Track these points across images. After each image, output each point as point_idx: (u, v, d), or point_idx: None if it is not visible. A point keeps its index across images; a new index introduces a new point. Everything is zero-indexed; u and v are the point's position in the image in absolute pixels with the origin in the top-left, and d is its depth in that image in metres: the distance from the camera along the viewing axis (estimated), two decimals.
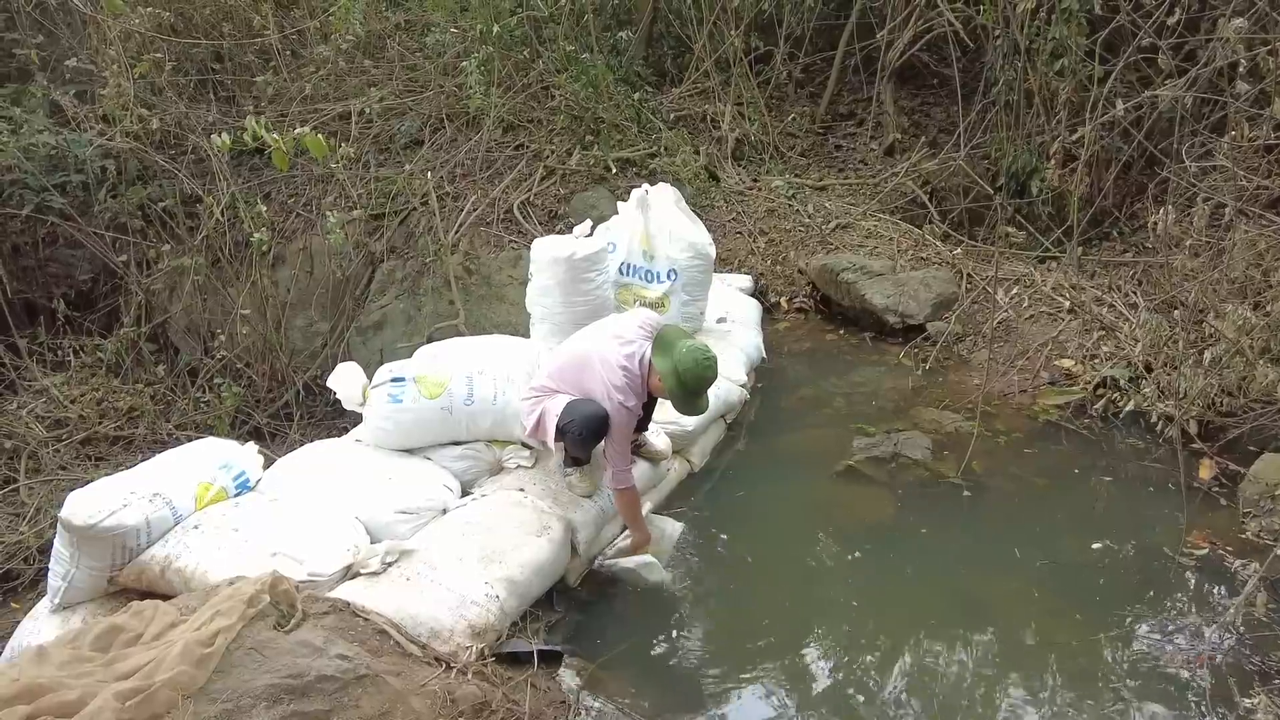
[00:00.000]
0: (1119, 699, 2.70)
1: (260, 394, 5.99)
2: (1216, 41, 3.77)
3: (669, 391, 3.06)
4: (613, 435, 3.08)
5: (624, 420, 3.07)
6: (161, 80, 6.27)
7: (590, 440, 3.14)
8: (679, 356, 3.01)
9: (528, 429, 3.31)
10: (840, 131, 7.79)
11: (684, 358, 3.00)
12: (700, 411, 3.18)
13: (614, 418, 3.04)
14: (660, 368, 3.05)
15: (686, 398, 3.05)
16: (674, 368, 3.01)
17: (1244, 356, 3.75)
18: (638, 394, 3.09)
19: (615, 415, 3.04)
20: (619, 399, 3.03)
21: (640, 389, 3.11)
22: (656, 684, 2.80)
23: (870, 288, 5.42)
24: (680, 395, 3.05)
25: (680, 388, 3.02)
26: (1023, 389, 4.64)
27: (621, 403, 3.03)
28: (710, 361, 3.05)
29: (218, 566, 2.73)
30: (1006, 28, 6.00)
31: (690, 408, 3.11)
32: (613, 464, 3.12)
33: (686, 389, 3.03)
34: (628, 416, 3.08)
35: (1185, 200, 4.62)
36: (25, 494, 4.84)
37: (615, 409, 3.04)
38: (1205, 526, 3.48)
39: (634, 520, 3.20)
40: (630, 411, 3.07)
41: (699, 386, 3.04)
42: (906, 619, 3.08)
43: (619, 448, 3.11)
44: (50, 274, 6.34)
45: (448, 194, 6.38)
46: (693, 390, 3.03)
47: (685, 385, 3.01)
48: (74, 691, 2.02)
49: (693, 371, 3.00)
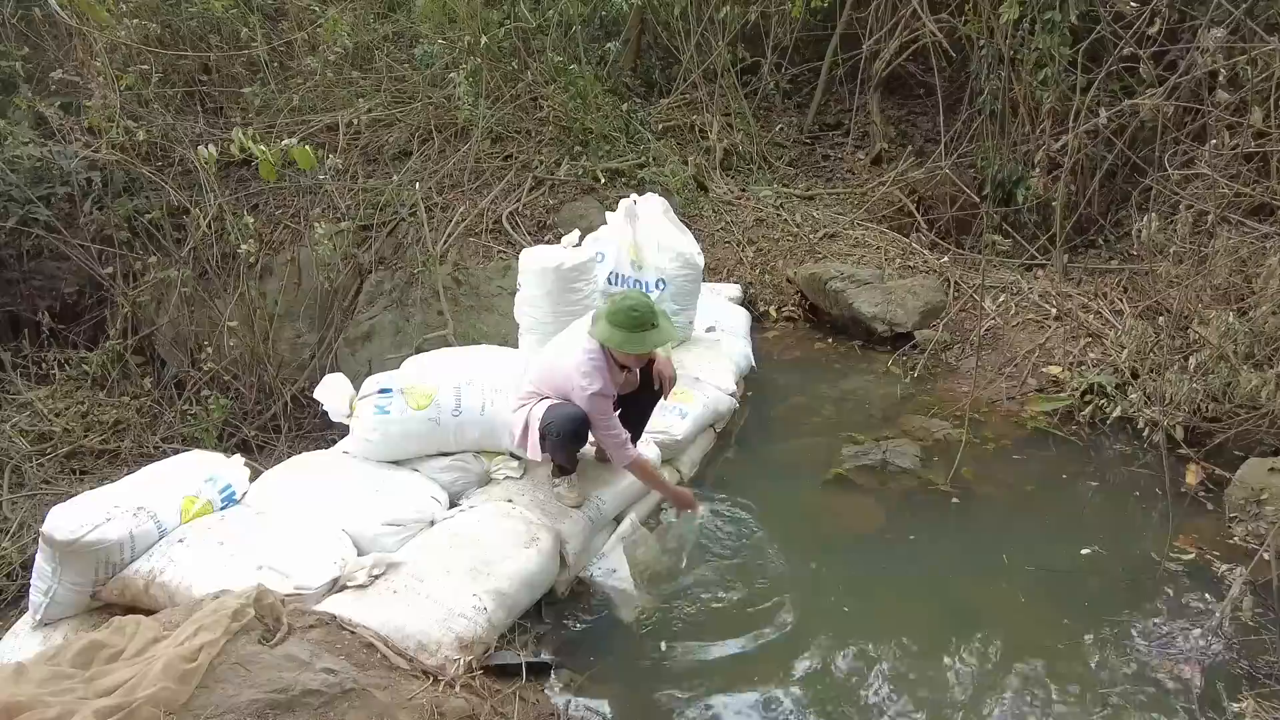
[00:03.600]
0: (1107, 704, 2.70)
1: (248, 406, 5.95)
2: (1196, 51, 3.82)
3: (614, 342, 3.11)
4: (594, 423, 3.15)
5: (598, 406, 3.12)
6: (148, 92, 6.26)
7: (570, 441, 3.18)
8: (606, 311, 3.14)
9: (515, 438, 3.32)
10: (827, 141, 7.83)
11: (608, 307, 3.14)
12: (654, 344, 3.17)
13: (587, 406, 3.11)
14: (596, 331, 3.14)
15: (630, 336, 3.09)
16: (605, 320, 3.11)
17: (1228, 362, 3.79)
18: (604, 375, 3.14)
19: (588, 404, 3.10)
20: (584, 385, 3.09)
21: (606, 366, 3.16)
22: (645, 696, 2.79)
23: (858, 296, 5.44)
24: (623, 336, 3.08)
25: (618, 330, 3.08)
26: (1010, 396, 4.66)
27: (587, 388, 3.09)
28: (630, 296, 3.15)
29: (203, 580, 2.71)
30: (991, 38, 6.07)
31: (641, 344, 3.12)
32: (607, 448, 3.19)
33: (622, 327, 3.08)
34: (601, 401, 3.13)
35: (1168, 208, 4.66)
36: (8, 509, 4.79)
37: (586, 398, 3.09)
38: (1192, 531, 3.50)
39: (660, 486, 3.27)
40: (601, 395, 3.12)
41: (630, 320, 3.08)
42: (896, 626, 3.07)
43: (605, 431, 3.17)
44: (35, 286, 6.30)
45: (436, 205, 6.38)
46: (627, 325, 3.07)
47: (620, 325, 3.08)
48: (53, 709, 1.99)
49: (620, 310, 3.09)
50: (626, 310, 3.09)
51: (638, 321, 3.08)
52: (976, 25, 6.13)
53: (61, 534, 2.67)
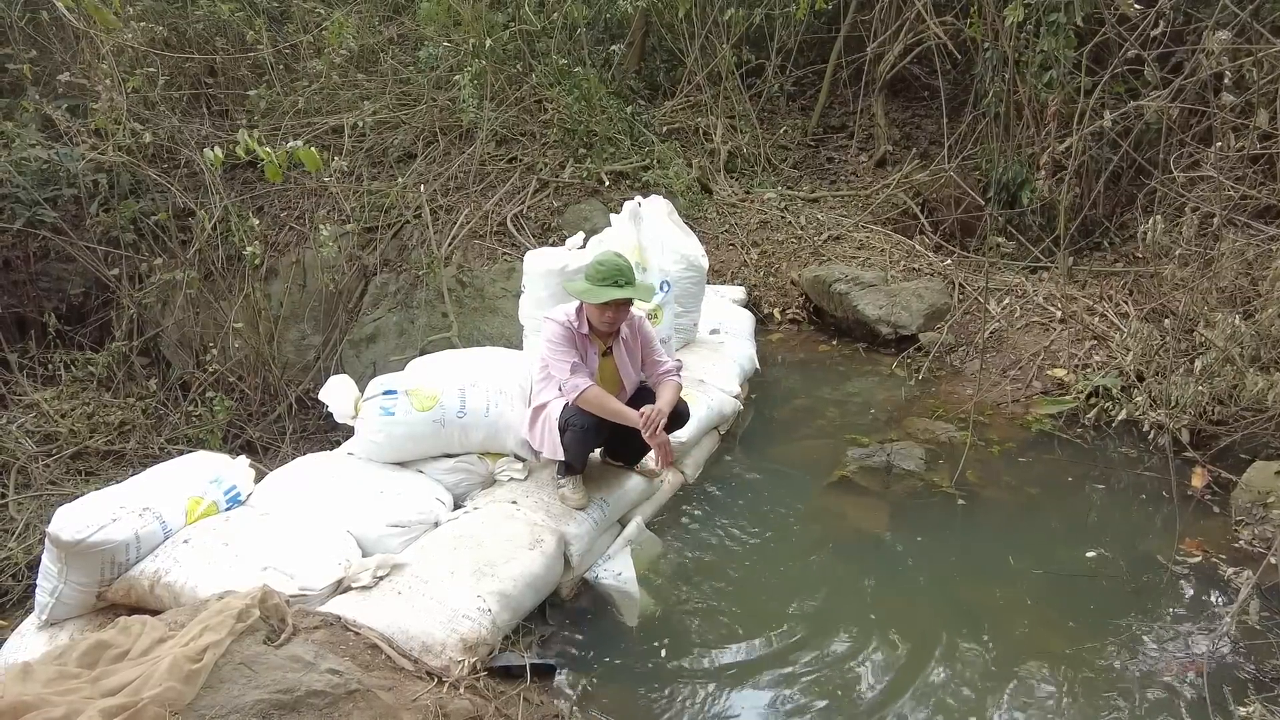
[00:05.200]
0: (1113, 708, 2.69)
1: (252, 408, 5.97)
2: (1201, 53, 3.81)
3: (575, 291, 3.24)
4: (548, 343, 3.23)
5: (553, 331, 3.25)
6: (154, 94, 6.29)
7: (592, 436, 3.23)
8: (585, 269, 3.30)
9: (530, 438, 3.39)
10: (832, 144, 7.84)
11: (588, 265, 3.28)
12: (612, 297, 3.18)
13: (542, 328, 3.28)
14: (568, 286, 3.36)
15: (591, 288, 3.18)
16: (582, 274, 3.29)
17: (1234, 365, 3.77)
18: (569, 314, 3.28)
19: (544, 327, 3.27)
20: (547, 315, 3.29)
21: (573, 310, 3.30)
22: (650, 698, 2.78)
23: (863, 299, 5.44)
24: (584, 287, 3.20)
25: (588, 280, 3.20)
26: (1015, 399, 4.65)
27: (549, 316, 3.28)
28: (606, 254, 3.28)
29: (207, 581, 2.71)
30: (995, 40, 6.06)
31: (600, 295, 3.17)
32: (557, 374, 3.23)
33: (589, 279, 3.20)
34: (555, 327, 3.26)
35: (1174, 210, 4.65)
36: (14, 509, 4.81)
37: (544, 323, 3.27)
38: (1198, 535, 3.49)
39: (618, 414, 3.20)
40: (556, 323, 3.25)
41: (596, 272, 3.19)
42: (901, 629, 3.07)
43: (555, 357, 3.23)
44: (41, 288, 6.33)
45: (441, 207, 6.40)
46: (593, 277, 3.19)
47: (589, 278, 3.21)
48: (59, 709, 1.99)
49: (591, 264, 3.23)
50: (595, 264, 3.22)
51: (602, 275, 3.17)
52: (981, 28, 6.13)
53: (67, 534, 2.67)
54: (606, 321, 3.25)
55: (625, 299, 3.20)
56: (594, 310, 3.23)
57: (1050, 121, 5.62)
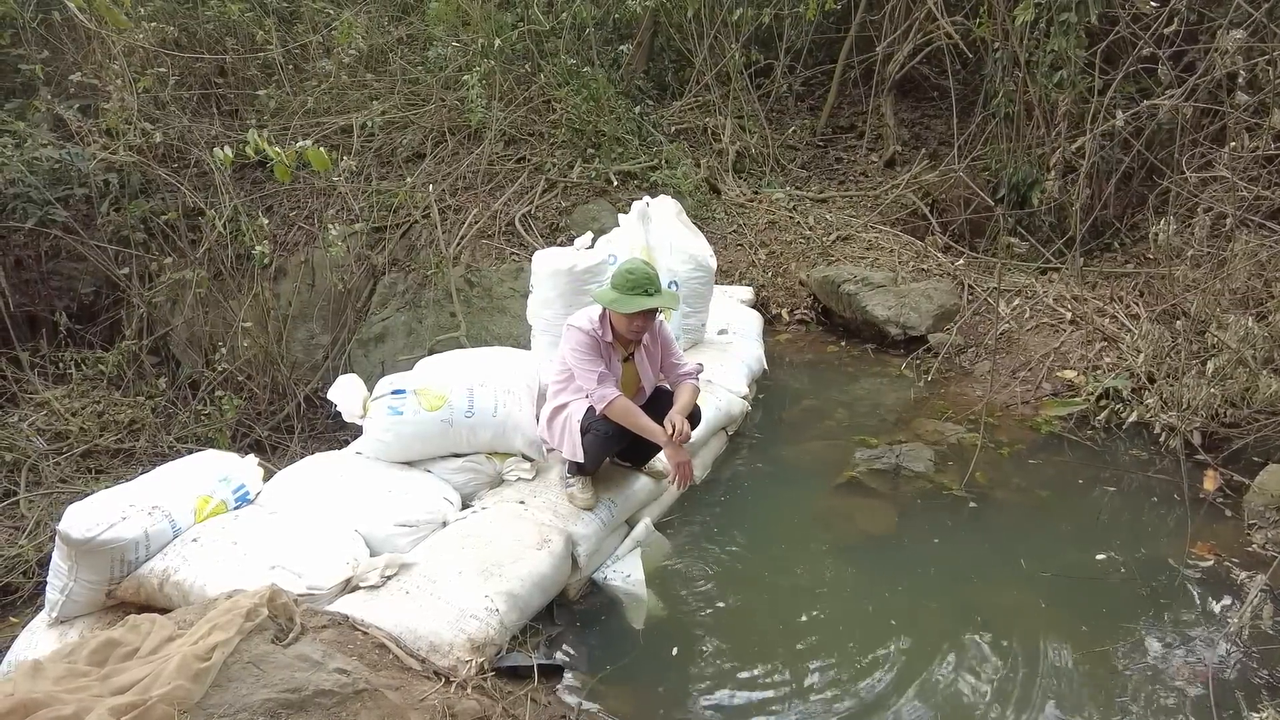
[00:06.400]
0: (1124, 712, 2.67)
1: (261, 407, 5.99)
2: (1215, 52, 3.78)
3: (605, 300, 3.20)
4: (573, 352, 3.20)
5: (575, 339, 3.21)
6: (165, 94, 6.32)
7: (614, 441, 3.23)
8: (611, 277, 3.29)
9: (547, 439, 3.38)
10: (840, 144, 7.82)
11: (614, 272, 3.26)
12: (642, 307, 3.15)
13: (566, 335, 3.25)
14: (597, 295, 3.29)
15: (621, 297, 3.17)
16: (610, 282, 3.25)
17: (1247, 367, 3.74)
18: (593, 321, 3.24)
19: (567, 334, 3.24)
20: (571, 322, 3.25)
21: (597, 316, 3.27)
22: (657, 698, 2.78)
23: (871, 299, 5.42)
24: (613, 296, 3.18)
25: (616, 289, 3.19)
26: (1025, 400, 4.63)
27: (572, 323, 3.23)
28: (633, 262, 3.26)
29: (216, 580, 2.72)
30: (1005, 40, 6.03)
31: (630, 305, 3.16)
32: (584, 383, 3.20)
33: (617, 288, 3.19)
34: (580, 335, 3.22)
35: (1186, 211, 4.62)
36: (25, 507, 4.84)
37: (568, 330, 3.23)
38: (1210, 538, 3.46)
39: (645, 430, 3.20)
40: (580, 330, 3.21)
41: (625, 282, 3.17)
42: (910, 631, 3.05)
43: (582, 366, 3.19)
44: (52, 287, 6.37)
45: (449, 207, 6.41)
46: (622, 286, 3.17)
47: (616, 285, 3.20)
48: (69, 706, 2.00)
49: (619, 273, 3.21)
50: (624, 273, 3.19)
51: (632, 284, 3.15)
52: (990, 27, 6.10)
53: (77, 532, 2.68)
54: (635, 330, 3.24)
55: (653, 308, 3.19)
56: (621, 319, 3.21)
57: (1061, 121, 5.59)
